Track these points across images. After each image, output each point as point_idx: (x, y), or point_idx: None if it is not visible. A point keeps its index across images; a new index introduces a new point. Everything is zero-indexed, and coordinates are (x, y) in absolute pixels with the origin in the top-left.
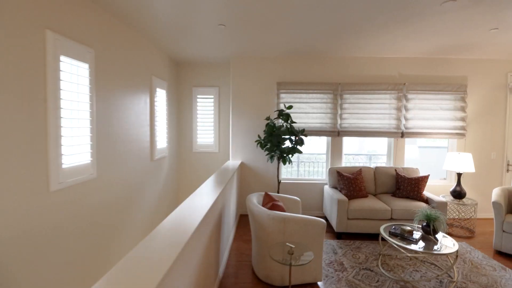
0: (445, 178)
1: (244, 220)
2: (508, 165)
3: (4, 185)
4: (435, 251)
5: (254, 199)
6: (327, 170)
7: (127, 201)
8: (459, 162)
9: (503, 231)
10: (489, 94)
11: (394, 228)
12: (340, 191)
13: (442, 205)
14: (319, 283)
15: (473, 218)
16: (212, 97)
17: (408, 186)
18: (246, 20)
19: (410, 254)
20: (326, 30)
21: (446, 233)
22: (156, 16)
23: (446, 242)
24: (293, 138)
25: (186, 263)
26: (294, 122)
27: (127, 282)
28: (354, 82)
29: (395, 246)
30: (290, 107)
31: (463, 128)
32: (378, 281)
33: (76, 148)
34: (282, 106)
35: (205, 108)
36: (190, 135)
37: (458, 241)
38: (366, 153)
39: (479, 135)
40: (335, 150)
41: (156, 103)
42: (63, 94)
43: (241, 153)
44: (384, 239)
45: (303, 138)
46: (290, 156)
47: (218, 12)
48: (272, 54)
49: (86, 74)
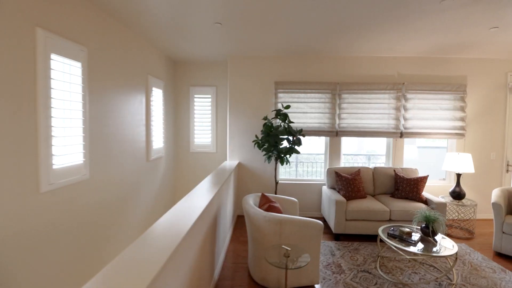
0: (444, 179)
1: (241, 221)
2: (508, 165)
3: None
4: (434, 253)
5: (251, 200)
6: (325, 170)
7: (122, 202)
8: (459, 163)
9: (503, 233)
10: (488, 94)
11: (393, 229)
12: (338, 192)
13: (441, 206)
14: (316, 286)
15: (472, 219)
16: (209, 96)
17: (407, 186)
18: (243, 18)
19: (408, 256)
20: (324, 29)
21: (445, 234)
22: (151, 13)
23: (445, 244)
24: (290, 138)
25: (178, 267)
26: (292, 122)
27: None
28: (352, 81)
29: (394, 248)
30: (288, 107)
31: (463, 128)
32: (376, 283)
33: (68, 148)
34: (280, 106)
35: (202, 108)
36: (188, 135)
37: (457, 242)
38: (365, 153)
39: (479, 135)
40: (334, 150)
41: (152, 103)
42: (54, 93)
43: (238, 153)
44: (382, 241)
45: (301, 138)
46: (288, 156)
47: (214, 9)
48: (270, 53)
49: (78, 73)
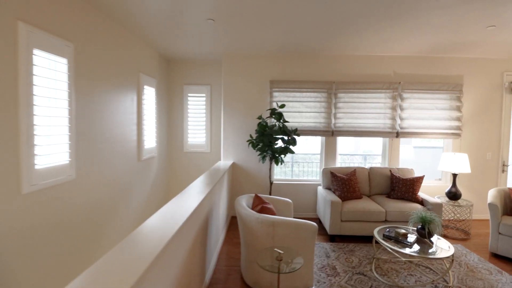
0: (440, 179)
1: (235, 222)
2: (503, 165)
3: None
4: (431, 256)
5: (243, 202)
6: (321, 170)
7: (112, 202)
8: (455, 163)
9: (499, 233)
10: (485, 93)
11: (389, 230)
12: (333, 192)
13: (437, 206)
14: None
15: (468, 219)
16: (203, 95)
17: (403, 187)
18: (236, 15)
19: (404, 258)
20: (320, 28)
21: (441, 235)
22: (142, 8)
23: (441, 245)
24: (285, 137)
25: (164, 270)
26: (287, 121)
27: None
28: (348, 80)
29: (389, 250)
30: (283, 106)
31: (459, 128)
32: (371, 286)
33: (52, 148)
34: (275, 105)
35: (196, 107)
36: (181, 135)
37: (453, 243)
38: (362, 153)
39: (475, 135)
40: (329, 150)
41: (144, 101)
42: (37, 90)
43: (232, 153)
44: (378, 242)
45: (296, 137)
46: (283, 156)
47: (206, 5)
48: (264, 52)
49: (64, 70)
